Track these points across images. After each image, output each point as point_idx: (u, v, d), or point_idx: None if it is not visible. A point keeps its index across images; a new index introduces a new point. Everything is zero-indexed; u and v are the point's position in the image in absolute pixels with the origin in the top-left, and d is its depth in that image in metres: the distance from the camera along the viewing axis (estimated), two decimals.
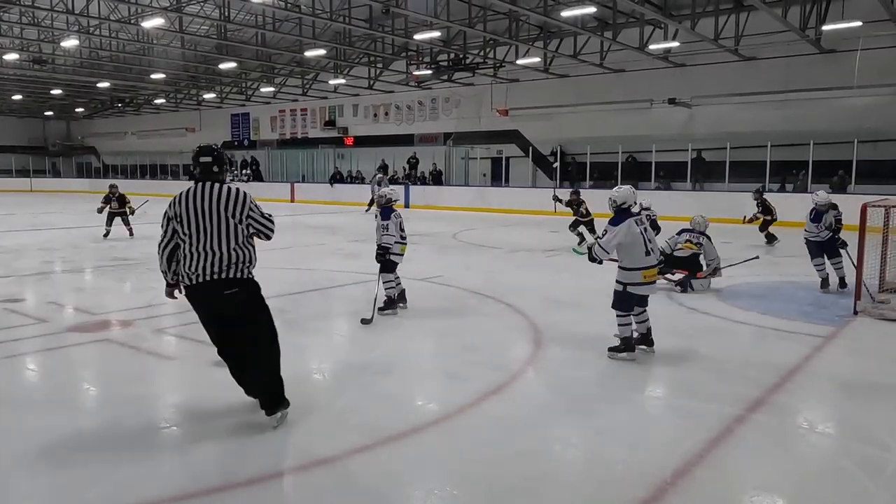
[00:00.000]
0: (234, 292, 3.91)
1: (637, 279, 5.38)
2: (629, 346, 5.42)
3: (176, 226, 3.91)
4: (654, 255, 5.47)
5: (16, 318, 6.66)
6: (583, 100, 22.36)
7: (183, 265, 3.93)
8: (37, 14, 20.12)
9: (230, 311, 3.97)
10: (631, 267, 5.40)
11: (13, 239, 13.69)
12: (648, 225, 5.61)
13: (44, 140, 45.20)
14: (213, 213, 3.85)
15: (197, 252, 3.84)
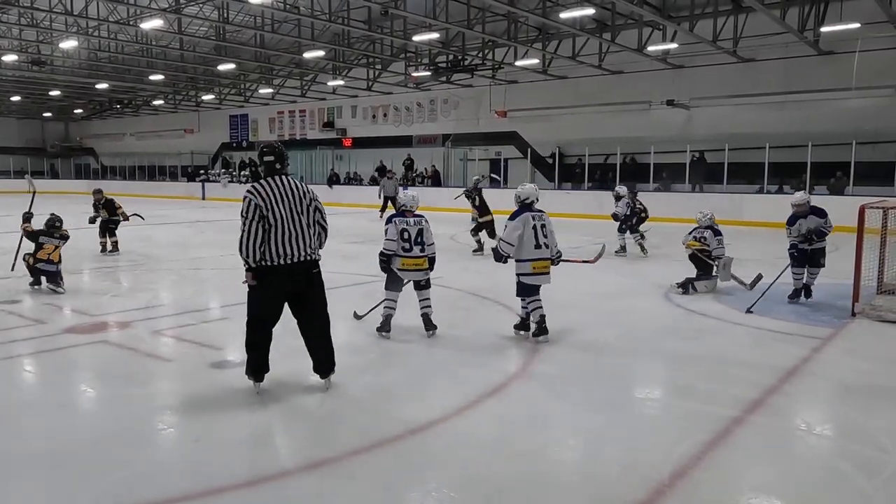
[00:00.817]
0: (318, 272, 4.56)
1: (527, 270, 5.84)
2: (541, 329, 5.86)
3: (265, 213, 4.30)
4: (545, 249, 5.89)
5: (13, 320, 6.66)
6: (581, 101, 22.37)
7: (271, 249, 4.33)
8: (35, 15, 20.10)
9: (311, 288, 4.54)
10: (521, 258, 5.84)
11: (10, 240, 13.64)
12: (547, 221, 6.00)
13: (42, 141, 45.13)
14: (298, 202, 4.47)
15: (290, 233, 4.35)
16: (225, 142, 35.50)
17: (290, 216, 4.36)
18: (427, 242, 5.97)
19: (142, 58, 25.46)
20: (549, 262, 5.97)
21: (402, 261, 5.92)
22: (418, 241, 5.90)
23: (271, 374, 4.69)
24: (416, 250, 5.90)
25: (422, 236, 5.93)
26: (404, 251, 5.89)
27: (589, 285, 8.89)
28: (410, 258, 5.90)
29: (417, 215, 6.04)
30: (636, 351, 5.81)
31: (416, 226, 5.95)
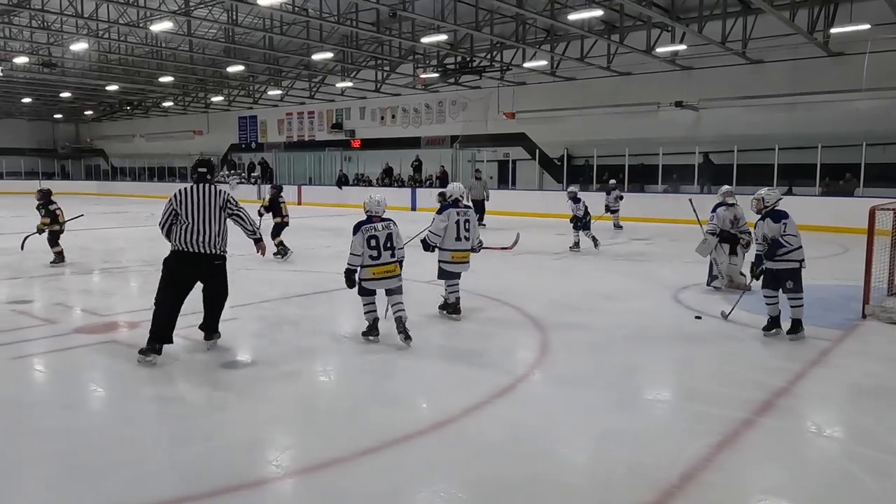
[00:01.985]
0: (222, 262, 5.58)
1: (447, 258, 6.67)
2: (455, 308, 6.73)
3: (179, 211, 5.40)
4: (465, 241, 6.69)
5: (24, 320, 6.70)
6: (590, 103, 22.33)
7: (181, 239, 5.41)
8: (46, 17, 20.25)
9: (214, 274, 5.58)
10: (444, 248, 6.67)
11: (21, 241, 13.74)
12: (471, 217, 6.78)
13: (53, 143, 45.45)
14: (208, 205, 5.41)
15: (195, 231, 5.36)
16: (234, 143, 35.62)
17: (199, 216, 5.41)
18: (397, 247, 5.83)
19: (151, 60, 25.59)
20: (469, 252, 6.76)
21: (371, 270, 5.70)
22: (388, 245, 5.73)
23: (280, 376, 4.70)
24: (387, 255, 5.72)
25: (391, 240, 5.76)
26: (372, 259, 5.68)
27: (597, 286, 8.88)
28: (380, 266, 5.69)
29: (385, 219, 5.85)
30: (644, 353, 5.79)
31: (385, 230, 5.74)
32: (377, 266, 5.69)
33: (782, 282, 6.00)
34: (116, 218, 21.14)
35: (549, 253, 12.23)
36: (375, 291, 5.82)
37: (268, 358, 5.52)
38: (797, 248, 5.94)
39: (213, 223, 5.39)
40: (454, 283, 6.70)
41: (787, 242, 5.89)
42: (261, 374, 5.13)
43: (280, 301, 7.78)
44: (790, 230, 5.92)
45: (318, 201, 27.18)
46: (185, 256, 5.42)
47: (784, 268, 5.98)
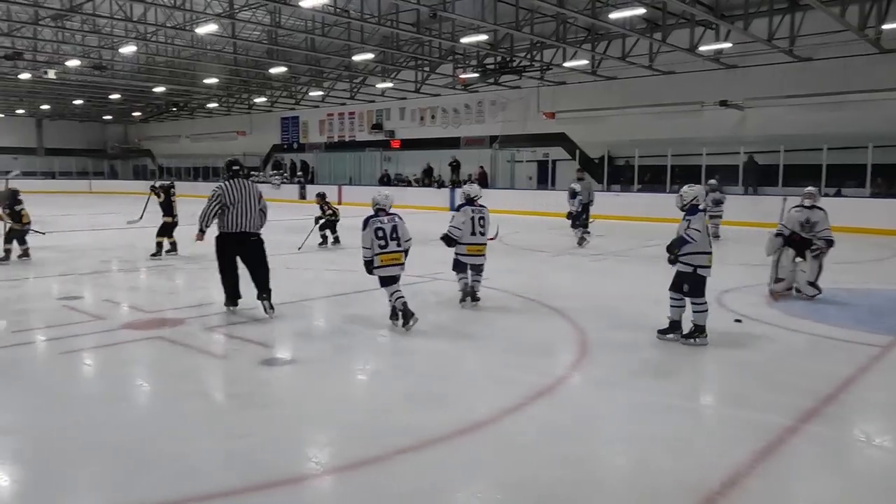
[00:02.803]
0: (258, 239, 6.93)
1: (463, 251, 7.31)
2: (466, 293, 7.36)
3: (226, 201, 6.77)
4: (480, 236, 7.31)
5: (75, 316, 6.91)
6: (631, 102, 22.07)
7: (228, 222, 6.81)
8: (97, 21, 20.85)
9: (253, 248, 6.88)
10: (460, 242, 7.26)
11: (73, 239, 14.20)
12: (485, 214, 7.43)
13: (103, 143, 46.80)
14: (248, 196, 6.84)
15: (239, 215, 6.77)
16: (276, 144, 36.15)
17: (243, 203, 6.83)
18: (403, 238, 6.33)
19: (197, 62, 26.13)
20: (483, 245, 7.38)
21: (380, 258, 6.26)
22: (394, 236, 6.25)
23: (320, 373, 4.75)
24: (393, 245, 6.26)
25: (397, 232, 6.28)
26: (381, 248, 6.25)
27: (638, 288, 8.77)
28: (388, 253, 6.25)
29: (391, 214, 6.39)
30: (687, 356, 5.70)
31: (391, 223, 6.30)
32: (385, 254, 6.25)
33: (681, 284, 5.92)
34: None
35: (588, 254, 12.13)
36: (397, 278, 6.32)
37: (308, 356, 5.60)
38: (700, 252, 5.79)
39: (251, 209, 6.84)
40: (464, 275, 7.40)
41: (689, 237, 5.72)
42: (301, 372, 5.21)
43: (321, 300, 7.87)
44: (694, 225, 5.75)
45: (358, 201, 27.38)
46: (231, 236, 6.84)
47: (682, 270, 5.88)
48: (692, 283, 5.84)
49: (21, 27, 20.97)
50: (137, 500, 3.17)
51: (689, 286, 5.85)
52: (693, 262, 5.80)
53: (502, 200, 23.32)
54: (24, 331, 6.42)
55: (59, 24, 20.11)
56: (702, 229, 5.73)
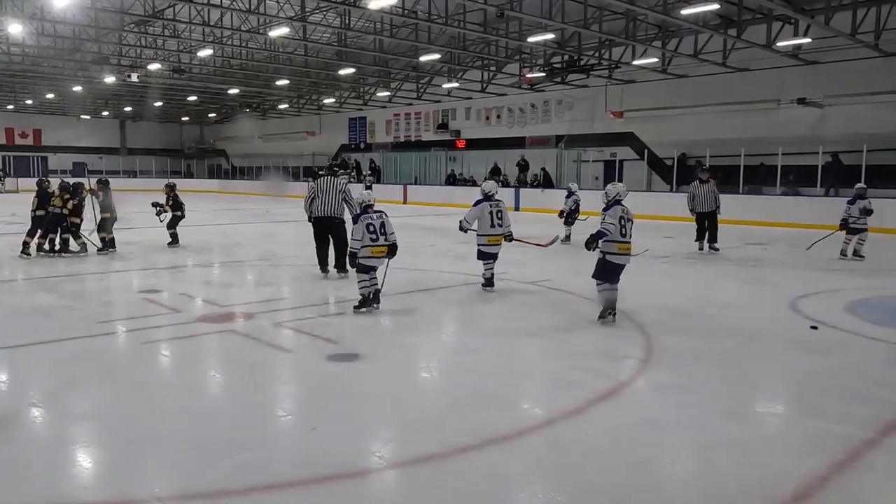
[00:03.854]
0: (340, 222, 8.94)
1: (484, 242, 8.16)
2: (490, 283, 8.17)
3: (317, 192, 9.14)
4: (498, 228, 8.12)
5: (154, 308, 7.24)
6: (702, 100, 21.48)
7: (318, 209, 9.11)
8: (177, 27, 21.72)
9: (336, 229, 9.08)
10: (481, 233, 8.13)
11: (152, 235, 14.84)
12: (503, 208, 8.21)
13: (180, 143, 48.72)
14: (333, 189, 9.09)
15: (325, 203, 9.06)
16: (344, 143, 36.82)
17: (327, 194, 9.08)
18: (388, 232, 7.03)
19: (269, 64, 26.89)
20: (502, 237, 8.16)
21: (371, 250, 6.95)
22: (382, 231, 6.97)
23: (382, 370, 4.82)
24: (381, 239, 6.95)
25: (384, 227, 6.99)
26: (372, 241, 6.94)
27: (707, 292, 8.56)
28: (377, 246, 6.96)
29: (378, 210, 7.08)
30: (758, 363, 5.52)
31: (379, 219, 7.00)
32: (375, 246, 6.95)
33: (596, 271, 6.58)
34: (235, 215, 22.36)
35: (656, 256, 11.87)
36: (375, 269, 7.02)
37: (371, 352, 5.69)
38: (612, 241, 6.36)
39: (334, 200, 9.02)
40: (489, 263, 8.22)
41: (605, 230, 6.33)
42: (366, 368, 5.30)
43: (384, 298, 7.99)
44: (609, 220, 6.37)
45: (423, 200, 27.64)
46: (319, 219, 9.10)
47: (598, 256, 6.54)
48: (599, 267, 6.53)
49: (107, 33, 22.04)
50: (207, 488, 3.30)
51: (596, 269, 6.54)
52: (604, 250, 6.45)
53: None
54: (108, 321, 6.78)
55: (142, 29, 21.05)
56: (615, 222, 6.36)
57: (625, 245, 6.43)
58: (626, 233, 6.44)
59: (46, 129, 43.57)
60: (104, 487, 3.36)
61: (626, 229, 6.44)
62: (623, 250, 6.43)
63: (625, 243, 6.43)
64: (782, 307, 7.57)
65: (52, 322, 6.68)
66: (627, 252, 6.47)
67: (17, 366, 5.35)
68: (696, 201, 12.21)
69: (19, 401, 4.51)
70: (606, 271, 6.46)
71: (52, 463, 3.56)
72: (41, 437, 4.01)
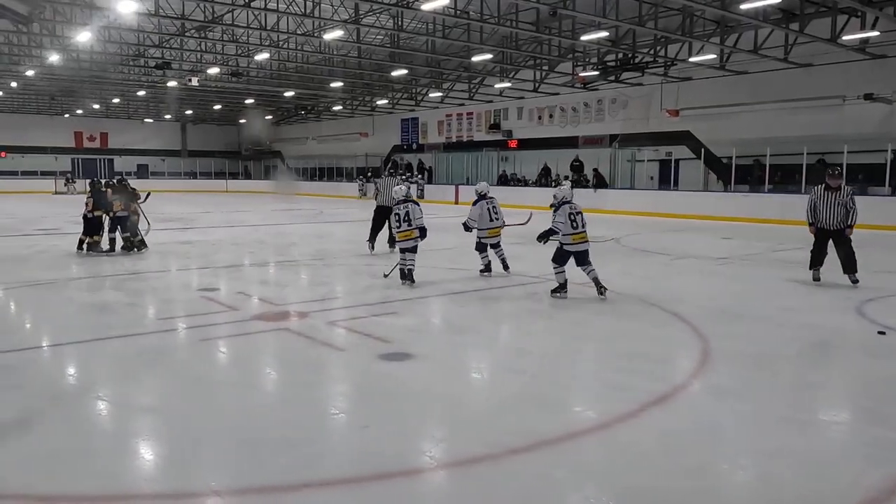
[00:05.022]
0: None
1: (484, 234, 9.25)
2: (488, 268, 9.30)
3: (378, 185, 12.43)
4: (496, 221, 9.24)
5: (212, 306, 7.44)
6: (762, 97, 20.84)
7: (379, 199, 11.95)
8: (235, 31, 22.28)
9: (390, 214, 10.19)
10: (481, 227, 9.21)
11: (211, 234, 15.27)
12: (496, 204, 9.34)
13: (238, 145, 49.95)
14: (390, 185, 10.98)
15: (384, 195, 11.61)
16: (396, 144, 37.11)
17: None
18: (414, 218, 8.61)
19: (323, 66, 27.32)
20: (499, 229, 9.28)
21: (399, 235, 8.74)
22: (406, 219, 8.61)
23: (433, 370, 4.84)
24: (405, 226, 8.62)
25: (409, 216, 8.62)
26: (397, 229, 8.81)
27: (767, 294, 8.30)
28: (403, 231, 8.64)
29: (405, 202, 8.76)
30: (821, 368, 5.34)
31: (405, 209, 8.68)
32: (402, 232, 8.65)
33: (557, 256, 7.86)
34: (290, 215, 22.79)
35: (713, 257, 11.59)
36: (407, 251, 8.61)
37: (422, 351, 5.72)
38: (566, 234, 7.70)
39: (390, 193, 10.16)
40: (486, 254, 9.32)
41: (555, 228, 7.73)
42: (417, 367, 5.33)
43: (435, 298, 8.02)
44: (558, 219, 7.70)
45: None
46: (381, 207, 11.68)
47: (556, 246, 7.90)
48: (556, 253, 7.83)
49: (169, 39, 22.76)
50: (262, 483, 3.37)
51: (554, 255, 7.84)
52: (561, 241, 7.80)
53: (621, 201, 22.79)
54: (168, 318, 7.00)
55: (202, 34, 21.67)
56: (565, 219, 7.66)
57: (577, 235, 7.68)
58: (577, 225, 7.66)
59: (112, 132, 45.30)
60: (164, 479, 3.47)
61: (577, 222, 7.66)
62: (577, 240, 7.68)
63: (577, 234, 7.68)
64: (848, 311, 7.29)
65: (116, 318, 6.95)
66: (582, 240, 7.71)
67: (85, 360, 5.58)
68: (818, 213, 8.89)
69: (86, 393, 4.70)
70: (562, 257, 7.74)
71: (116, 454, 3.69)
72: (105, 428, 4.17)
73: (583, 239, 7.73)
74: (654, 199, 22.37)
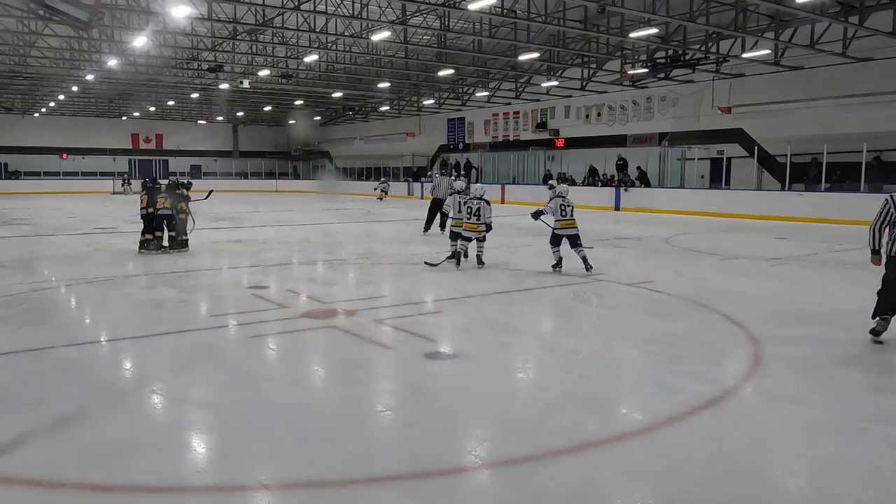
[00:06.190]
0: None
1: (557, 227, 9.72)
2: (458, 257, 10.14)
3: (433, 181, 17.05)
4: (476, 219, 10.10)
5: (261, 303, 7.59)
6: (819, 93, 20.20)
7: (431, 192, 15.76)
8: (285, 34, 22.68)
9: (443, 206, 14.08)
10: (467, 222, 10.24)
11: (261, 233, 15.57)
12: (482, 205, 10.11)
13: (287, 146, 50.84)
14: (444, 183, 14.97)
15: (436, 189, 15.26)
16: (442, 144, 37.22)
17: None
18: (484, 216, 9.90)
19: (371, 67, 27.58)
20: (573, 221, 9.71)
21: (466, 225, 9.96)
22: (477, 214, 9.86)
23: (479, 369, 4.84)
24: (474, 219, 9.89)
25: (480, 211, 9.87)
26: (467, 219, 9.99)
27: (825, 297, 8.06)
28: (473, 224, 9.90)
29: (478, 199, 9.97)
30: (880, 374, 5.16)
31: (477, 205, 9.90)
32: (471, 224, 9.92)
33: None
34: (337, 214, 23.08)
35: (766, 258, 11.29)
36: (467, 238, 9.97)
37: (468, 351, 5.73)
38: (557, 219, 9.43)
39: (444, 188, 13.11)
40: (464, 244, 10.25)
41: (544, 209, 9.57)
42: (463, 366, 5.34)
43: (481, 297, 8.02)
44: (551, 204, 9.51)
45: (520, 200, 27.50)
46: (436, 199, 14.38)
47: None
48: (551, 237, 9.53)
49: (221, 42, 23.30)
50: (309, 478, 3.42)
51: (551, 237, 9.52)
52: (553, 226, 9.50)
53: (671, 200, 22.40)
54: (219, 315, 7.17)
55: (253, 38, 22.12)
56: (556, 207, 9.43)
57: (565, 222, 9.38)
58: (566, 213, 9.38)
59: (167, 133, 46.66)
60: (215, 472, 3.55)
61: (566, 211, 9.38)
62: (564, 225, 9.37)
63: (565, 220, 9.38)
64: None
65: (170, 315, 7.15)
66: (570, 226, 9.37)
67: (140, 354, 5.75)
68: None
69: (141, 387, 4.85)
70: (556, 239, 9.45)
71: (169, 447, 3.80)
72: (159, 422, 4.29)
73: (570, 225, 9.37)
74: (705, 198, 21.91)
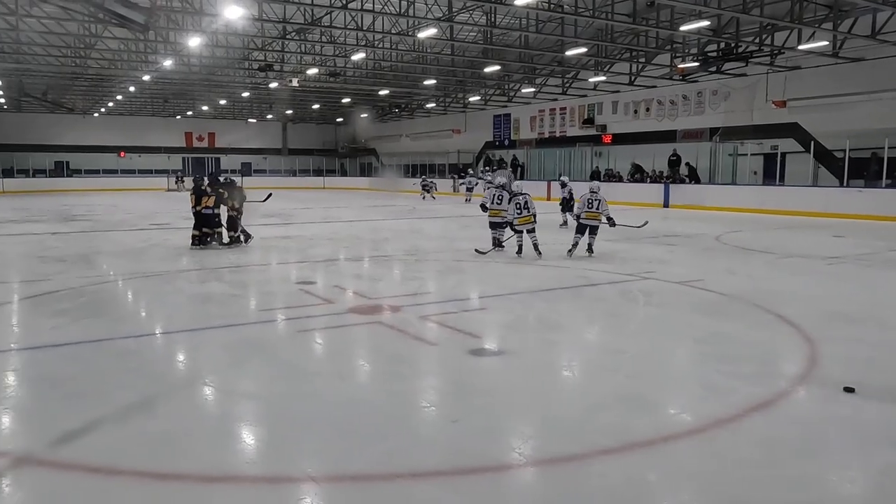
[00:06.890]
0: None
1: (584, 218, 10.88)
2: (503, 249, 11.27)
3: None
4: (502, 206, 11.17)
5: (309, 298, 7.70)
6: (881, 86, 19.43)
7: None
8: (333, 33, 22.94)
9: None
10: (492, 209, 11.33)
11: (309, 230, 15.80)
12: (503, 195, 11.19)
13: (335, 143, 51.45)
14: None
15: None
16: (488, 141, 37.12)
17: None
18: (531, 208, 10.59)
19: (417, 64, 27.67)
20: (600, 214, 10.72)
21: (518, 220, 10.64)
22: (526, 206, 10.57)
23: (524, 366, 4.83)
24: (525, 212, 10.59)
25: (527, 204, 10.61)
26: (518, 214, 10.63)
27: (883, 297, 7.78)
28: (522, 217, 10.62)
29: (523, 193, 10.83)
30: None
31: (524, 198, 10.67)
32: (520, 217, 10.62)
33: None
34: (383, 211, 23.25)
35: (823, 256, 10.94)
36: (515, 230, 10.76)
37: (513, 348, 5.71)
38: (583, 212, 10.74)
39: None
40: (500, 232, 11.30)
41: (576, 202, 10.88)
42: (509, 364, 5.33)
43: (527, 294, 7.99)
44: (581, 198, 10.84)
45: None
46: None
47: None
48: (577, 226, 10.81)
49: (272, 42, 23.70)
50: (355, 472, 3.47)
51: (577, 227, 10.82)
52: (580, 216, 10.77)
53: (722, 197, 21.88)
54: (268, 310, 7.31)
55: (302, 37, 22.43)
56: (584, 202, 10.74)
57: (591, 213, 10.66)
58: (593, 206, 10.60)
59: (219, 132, 47.71)
60: (264, 464, 3.63)
61: (594, 205, 10.60)
62: (589, 216, 10.67)
63: (591, 213, 10.64)
64: None
65: (221, 309, 7.33)
66: (594, 218, 10.64)
67: (193, 347, 5.91)
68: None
69: (194, 379, 4.98)
70: (580, 227, 10.73)
71: (220, 437, 3.90)
72: (211, 413, 4.40)
73: (594, 217, 10.66)
74: (758, 194, 21.34)
